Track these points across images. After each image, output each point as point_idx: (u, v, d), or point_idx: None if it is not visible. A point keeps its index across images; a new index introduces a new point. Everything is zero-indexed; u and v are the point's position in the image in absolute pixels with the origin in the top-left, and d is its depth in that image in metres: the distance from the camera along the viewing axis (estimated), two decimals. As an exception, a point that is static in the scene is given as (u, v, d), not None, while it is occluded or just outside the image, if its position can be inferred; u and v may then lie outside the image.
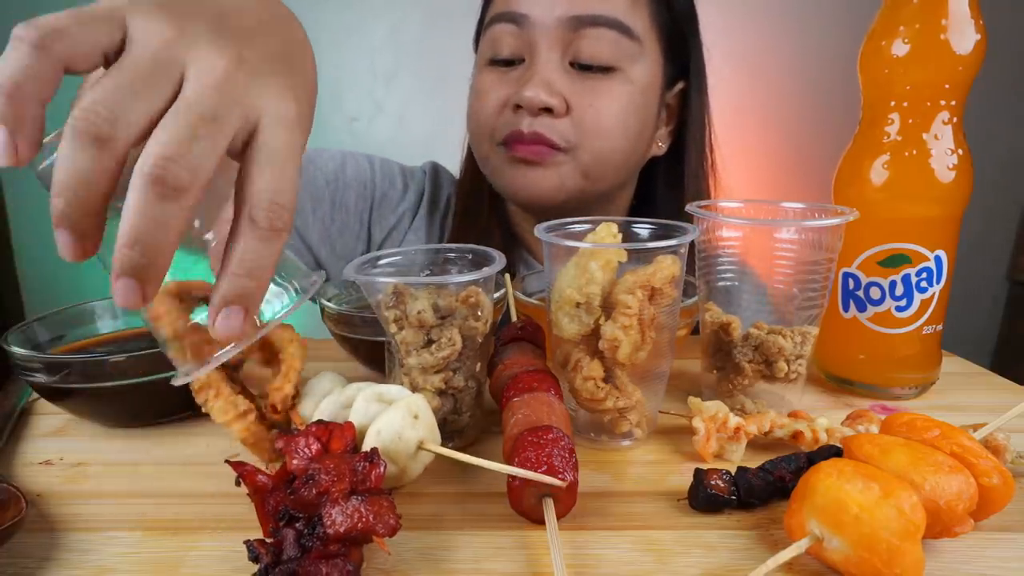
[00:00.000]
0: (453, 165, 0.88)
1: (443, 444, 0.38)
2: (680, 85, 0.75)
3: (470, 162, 0.80)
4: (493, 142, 0.71)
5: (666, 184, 0.79)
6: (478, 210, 0.80)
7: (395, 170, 0.84)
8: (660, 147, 0.77)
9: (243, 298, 0.28)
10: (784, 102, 1.72)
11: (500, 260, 0.43)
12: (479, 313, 0.41)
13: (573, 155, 0.68)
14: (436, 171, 0.87)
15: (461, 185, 0.83)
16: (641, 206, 0.81)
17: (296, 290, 0.32)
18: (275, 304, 0.32)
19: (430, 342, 0.41)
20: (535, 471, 0.33)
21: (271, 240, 0.28)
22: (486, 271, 0.41)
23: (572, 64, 0.67)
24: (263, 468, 0.34)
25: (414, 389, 0.41)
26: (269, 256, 0.28)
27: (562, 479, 0.33)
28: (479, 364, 0.44)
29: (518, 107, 0.67)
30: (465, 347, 0.42)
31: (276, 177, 0.28)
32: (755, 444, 0.43)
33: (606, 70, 0.67)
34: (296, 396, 0.42)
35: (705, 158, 0.78)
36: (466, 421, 0.44)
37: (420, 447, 0.37)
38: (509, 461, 0.35)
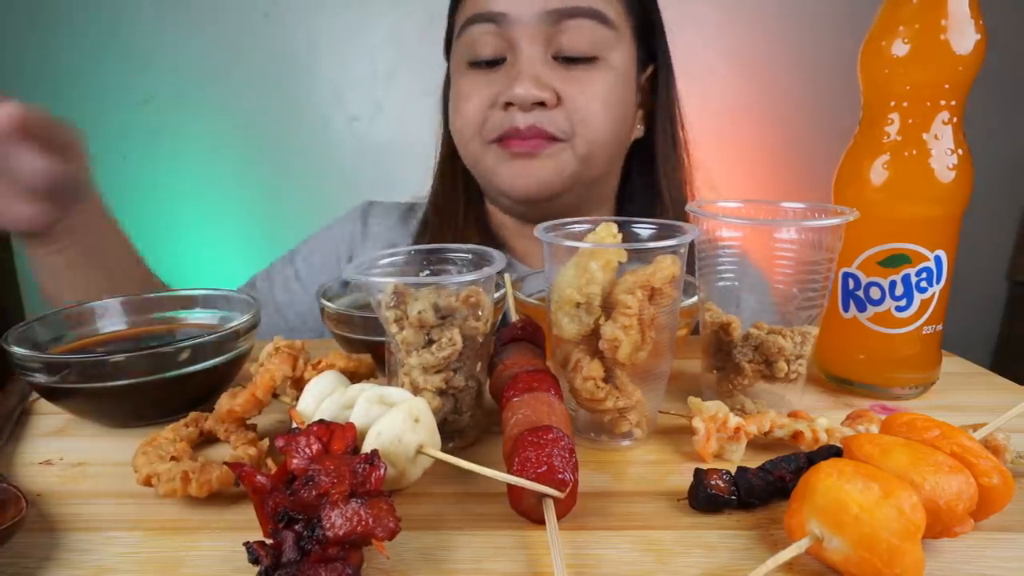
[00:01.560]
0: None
1: (443, 444, 0.38)
2: (650, 69, 0.77)
3: (444, 167, 0.81)
4: (484, 141, 0.71)
5: (640, 164, 0.81)
6: (453, 214, 0.81)
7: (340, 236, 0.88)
8: (639, 130, 0.78)
9: None
10: (783, 102, 1.72)
11: (500, 260, 0.43)
12: (479, 313, 0.41)
13: (571, 143, 0.69)
14: (366, 208, 0.90)
15: (435, 195, 0.84)
16: (623, 187, 0.83)
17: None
18: None
19: (430, 342, 0.41)
20: (535, 471, 0.33)
21: None
22: (486, 271, 0.41)
23: (555, 57, 0.68)
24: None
25: (414, 389, 0.41)
26: None
27: (562, 479, 0.33)
28: (479, 364, 0.44)
29: (508, 105, 0.67)
30: (465, 347, 0.42)
31: None
32: (755, 444, 0.43)
33: (588, 60, 0.68)
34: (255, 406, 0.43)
35: (677, 138, 0.79)
36: (466, 421, 0.44)
37: (419, 451, 0.37)
38: (509, 461, 0.35)
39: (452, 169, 0.81)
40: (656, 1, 0.76)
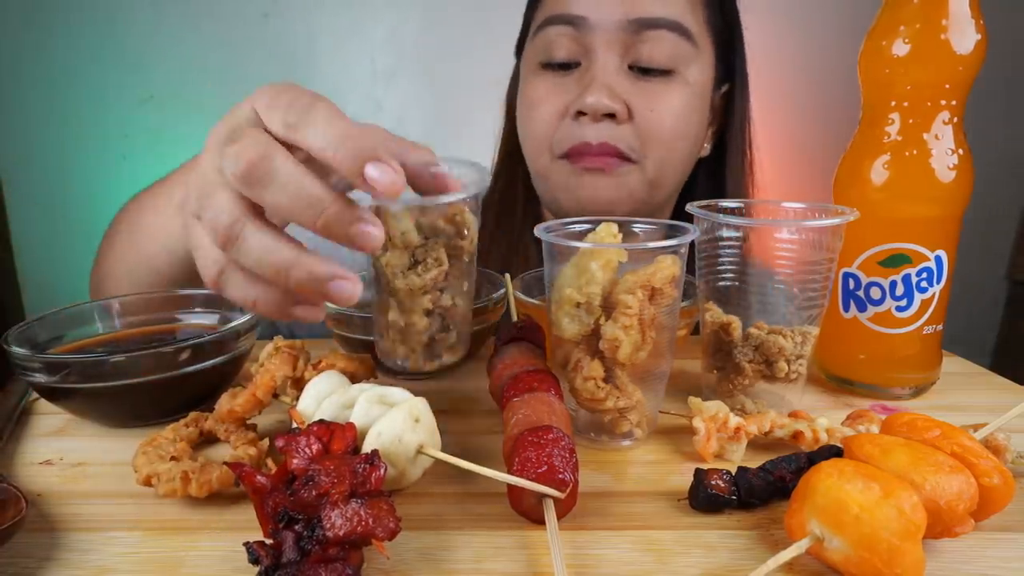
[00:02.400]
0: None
1: (433, 361, 0.38)
2: (725, 86, 0.74)
3: (502, 167, 0.79)
4: (553, 156, 0.69)
5: (707, 186, 0.78)
6: (511, 214, 0.78)
7: None
8: (706, 148, 0.76)
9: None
10: (784, 102, 1.72)
11: (483, 176, 0.41)
12: (465, 232, 0.40)
13: (640, 166, 0.67)
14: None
15: (491, 193, 0.81)
16: (680, 207, 0.79)
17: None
18: None
19: (415, 263, 0.40)
20: (536, 471, 0.33)
21: None
22: (471, 189, 0.39)
23: (631, 67, 0.66)
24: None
25: (402, 310, 0.41)
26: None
27: (562, 479, 0.33)
28: (466, 283, 0.43)
29: (579, 114, 0.65)
30: (452, 267, 0.40)
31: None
32: (755, 444, 0.43)
33: (665, 73, 0.66)
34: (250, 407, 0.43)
35: (745, 158, 0.77)
36: (454, 339, 0.43)
37: (420, 451, 0.37)
38: (509, 461, 0.35)
39: (511, 169, 0.79)
40: (739, 19, 0.73)
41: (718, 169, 0.76)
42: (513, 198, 0.78)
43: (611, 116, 0.64)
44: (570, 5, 0.66)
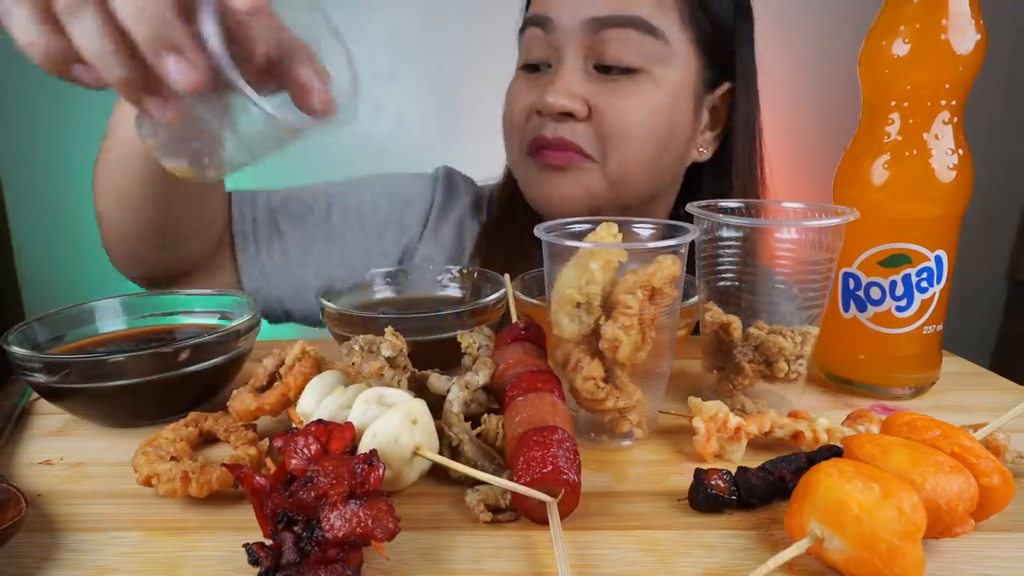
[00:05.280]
0: (453, 166, 0.87)
1: None
2: (725, 86, 0.72)
3: (508, 170, 0.79)
4: (522, 150, 0.70)
5: (711, 190, 0.76)
6: (514, 212, 0.78)
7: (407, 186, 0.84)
8: (703, 152, 0.74)
9: None
10: (784, 101, 1.72)
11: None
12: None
13: (601, 164, 0.66)
14: (449, 177, 0.86)
15: (500, 188, 0.82)
16: (686, 214, 0.79)
17: None
18: None
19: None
20: (541, 471, 0.33)
21: None
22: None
23: (597, 67, 0.66)
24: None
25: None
26: None
27: (567, 479, 0.33)
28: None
29: (540, 113, 0.66)
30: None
31: None
32: (755, 444, 0.43)
33: (630, 71, 0.65)
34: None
35: (754, 160, 0.75)
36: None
37: (416, 453, 0.37)
38: (513, 460, 0.35)
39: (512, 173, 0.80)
40: (734, 15, 0.70)
41: (724, 171, 0.75)
42: (516, 198, 0.78)
43: (571, 115, 0.65)
44: (541, 7, 0.67)
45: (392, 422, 0.36)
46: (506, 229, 0.79)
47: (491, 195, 0.85)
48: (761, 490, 0.36)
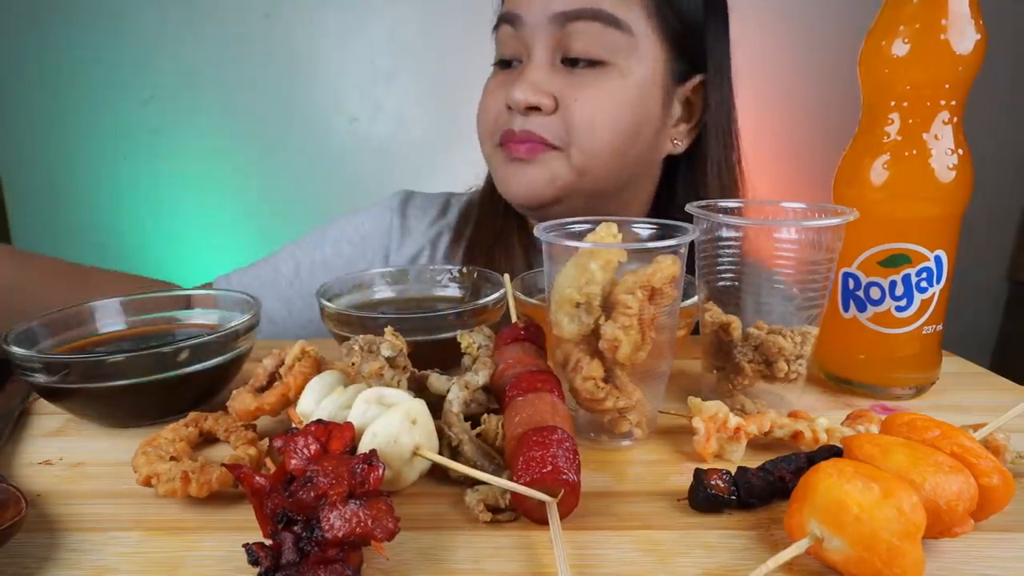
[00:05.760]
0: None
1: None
2: (697, 79, 0.72)
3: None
4: (493, 144, 0.72)
5: (686, 182, 0.77)
6: (495, 212, 0.80)
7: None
8: (676, 144, 0.74)
9: None
10: (784, 101, 1.72)
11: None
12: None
13: (566, 153, 0.68)
14: (405, 201, 0.88)
15: (482, 194, 0.83)
16: (664, 206, 0.79)
17: None
18: None
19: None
20: (541, 471, 0.33)
21: None
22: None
23: (564, 61, 0.67)
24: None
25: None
26: None
27: (566, 479, 0.33)
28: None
29: (509, 108, 0.68)
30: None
31: None
32: (755, 444, 0.43)
33: (596, 64, 0.67)
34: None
35: (729, 152, 0.75)
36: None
37: (416, 453, 0.37)
38: (513, 460, 0.35)
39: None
40: (704, 9, 0.71)
41: (699, 164, 0.76)
42: (495, 197, 0.79)
43: (538, 109, 0.67)
44: (511, 5, 0.69)
45: (392, 422, 0.36)
46: (483, 230, 0.80)
47: (470, 199, 0.86)
48: (761, 490, 0.36)
